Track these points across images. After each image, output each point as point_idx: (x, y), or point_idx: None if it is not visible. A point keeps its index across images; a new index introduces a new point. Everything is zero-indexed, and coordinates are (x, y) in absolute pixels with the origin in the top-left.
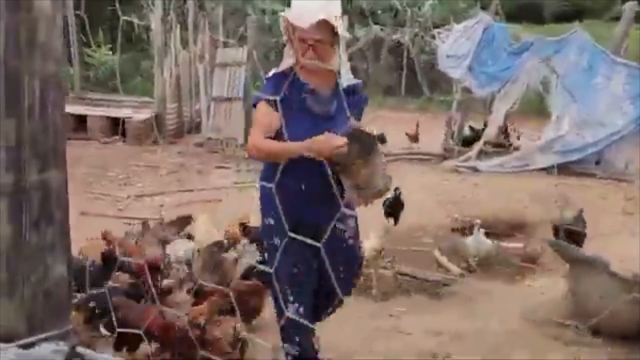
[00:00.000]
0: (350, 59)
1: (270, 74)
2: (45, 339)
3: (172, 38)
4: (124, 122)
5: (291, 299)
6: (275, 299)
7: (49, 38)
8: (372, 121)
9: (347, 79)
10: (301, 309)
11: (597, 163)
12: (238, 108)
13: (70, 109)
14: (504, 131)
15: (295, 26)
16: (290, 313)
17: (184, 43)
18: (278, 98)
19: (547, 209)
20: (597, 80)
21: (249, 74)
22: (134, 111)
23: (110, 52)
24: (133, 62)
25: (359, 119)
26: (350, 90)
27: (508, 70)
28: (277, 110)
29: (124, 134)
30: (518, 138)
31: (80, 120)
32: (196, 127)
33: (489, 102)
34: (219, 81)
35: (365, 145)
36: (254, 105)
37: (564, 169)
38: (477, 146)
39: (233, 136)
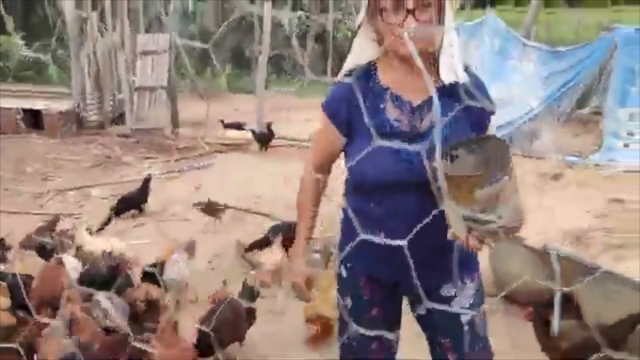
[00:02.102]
0: (273, 47)
1: (344, 70)
2: None
3: (88, 24)
4: (40, 114)
5: None
6: None
7: None
8: (300, 110)
9: (459, 75)
10: None
11: (511, 141)
12: (163, 97)
13: None
14: None
15: None
16: None
17: (102, 30)
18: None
19: None
20: (510, 62)
21: (172, 61)
22: (51, 102)
23: (22, 41)
24: (48, 51)
25: (477, 134)
26: (466, 93)
27: None
28: (341, 125)
29: (40, 127)
30: None
31: None
32: (120, 118)
33: None
34: (142, 69)
35: (492, 154)
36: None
37: None
38: None
39: (159, 126)
